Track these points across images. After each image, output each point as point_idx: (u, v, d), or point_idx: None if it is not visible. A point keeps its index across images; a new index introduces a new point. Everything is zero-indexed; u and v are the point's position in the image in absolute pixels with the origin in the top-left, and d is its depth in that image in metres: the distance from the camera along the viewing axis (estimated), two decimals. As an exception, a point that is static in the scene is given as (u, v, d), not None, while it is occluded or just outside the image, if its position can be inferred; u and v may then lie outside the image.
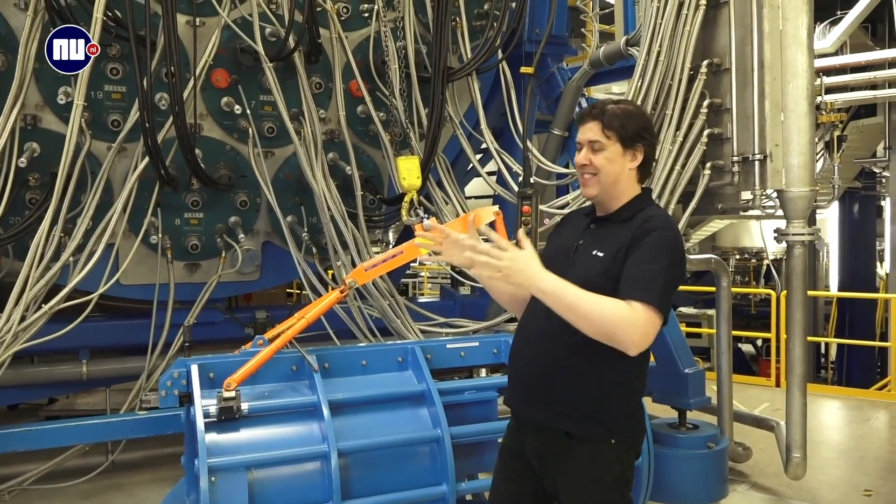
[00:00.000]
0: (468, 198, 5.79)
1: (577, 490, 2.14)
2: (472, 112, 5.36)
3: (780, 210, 4.36)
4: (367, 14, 5.02)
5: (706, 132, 4.41)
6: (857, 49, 12.63)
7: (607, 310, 1.95)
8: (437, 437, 3.04)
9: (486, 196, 7.83)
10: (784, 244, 4.37)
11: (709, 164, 4.43)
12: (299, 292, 7.53)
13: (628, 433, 2.19)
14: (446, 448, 3.00)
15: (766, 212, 4.66)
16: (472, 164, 5.49)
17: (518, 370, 2.30)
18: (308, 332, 3.17)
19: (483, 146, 5.46)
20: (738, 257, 14.67)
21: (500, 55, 5.33)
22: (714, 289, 5.08)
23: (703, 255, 5.36)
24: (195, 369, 2.94)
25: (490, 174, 5.49)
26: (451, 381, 3.48)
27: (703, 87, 4.44)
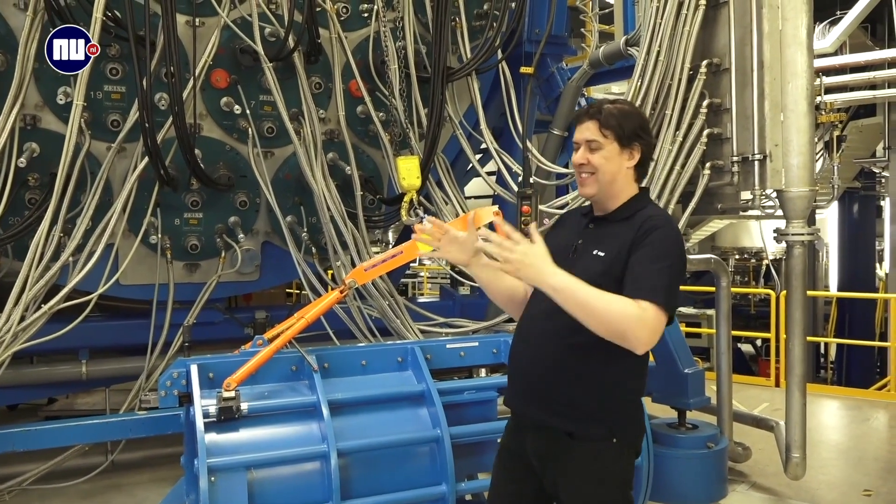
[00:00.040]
0: (468, 198, 5.79)
1: (578, 489, 2.14)
2: (472, 112, 5.36)
3: (780, 210, 4.36)
4: (366, 14, 5.02)
5: (706, 132, 4.41)
6: (857, 49, 12.64)
7: (618, 308, 1.95)
8: (436, 437, 3.04)
9: (485, 196, 7.84)
10: (783, 244, 4.37)
11: (708, 164, 4.43)
12: (299, 292, 7.52)
13: (629, 432, 2.20)
14: (446, 448, 3.00)
15: (766, 212, 4.66)
16: (471, 164, 5.49)
17: (518, 370, 2.29)
18: (308, 332, 3.17)
19: (483, 146, 5.46)
20: (737, 257, 14.68)
21: (499, 55, 5.33)
22: (713, 289, 5.08)
23: (703, 255, 5.36)
24: (195, 369, 2.94)
25: (490, 174, 5.49)
26: (450, 381, 3.48)
27: (703, 87, 4.45)
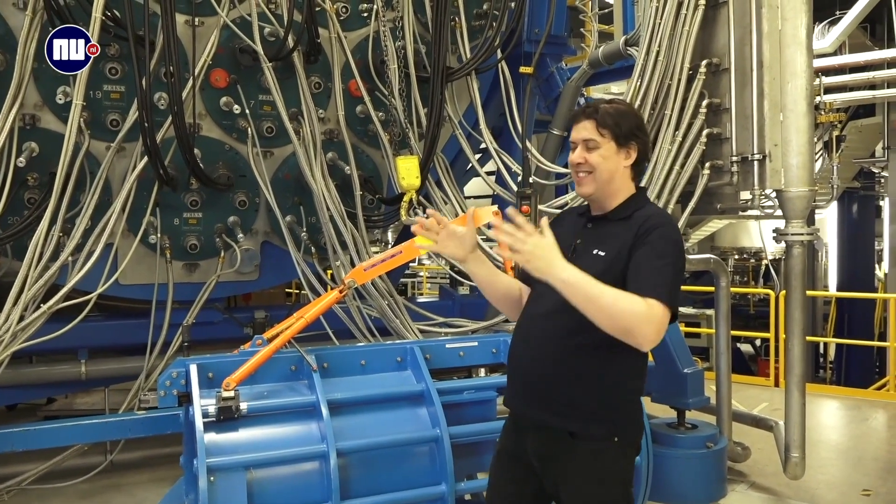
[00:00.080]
0: (467, 198, 5.78)
1: (578, 489, 2.14)
2: (472, 112, 5.35)
3: (779, 210, 4.36)
4: (366, 14, 5.02)
5: (705, 132, 4.42)
6: (856, 49, 12.64)
7: (626, 304, 1.95)
8: (435, 436, 3.04)
9: (485, 196, 7.84)
10: (783, 244, 4.37)
11: (708, 164, 4.43)
12: (298, 292, 7.51)
13: (629, 431, 2.20)
14: (445, 448, 3.00)
15: (765, 212, 4.66)
16: (471, 164, 5.48)
17: (518, 371, 2.29)
18: (307, 331, 3.17)
19: (482, 146, 5.46)
20: (736, 257, 14.69)
21: (499, 55, 5.32)
22: (713, 289, 5.08)
23: (702, 255, 5.36)
24: (194, 369, 2.94)
25: (489, 174, 5.49)
26: (450, 381, 3.48)
27: (703, 87, 4.45)
